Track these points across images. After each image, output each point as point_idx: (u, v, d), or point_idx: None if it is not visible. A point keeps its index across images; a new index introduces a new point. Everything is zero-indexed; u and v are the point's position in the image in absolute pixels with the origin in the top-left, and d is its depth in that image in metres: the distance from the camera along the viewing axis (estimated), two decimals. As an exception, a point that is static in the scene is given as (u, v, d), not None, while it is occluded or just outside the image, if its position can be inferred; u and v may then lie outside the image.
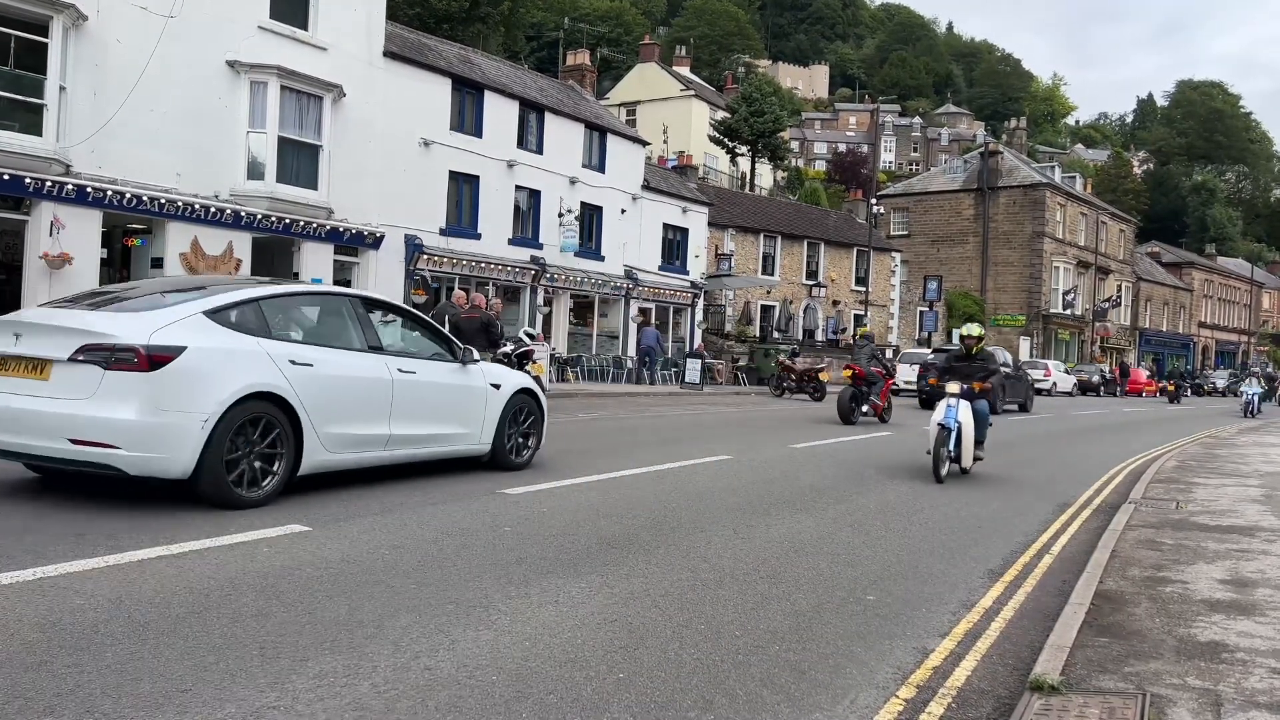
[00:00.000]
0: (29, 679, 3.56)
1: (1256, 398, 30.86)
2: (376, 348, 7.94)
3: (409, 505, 7.23)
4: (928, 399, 21.76)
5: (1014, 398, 26.60)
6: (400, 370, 8.01)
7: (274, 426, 6.76)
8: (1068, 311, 54.99)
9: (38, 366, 6.30)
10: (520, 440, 9.51)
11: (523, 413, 9.53)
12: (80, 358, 6.17)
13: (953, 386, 10.71)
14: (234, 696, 3.53)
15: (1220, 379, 55.58)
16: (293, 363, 6.97)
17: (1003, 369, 18.91)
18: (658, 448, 12.28)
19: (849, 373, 18.19)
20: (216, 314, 6.75)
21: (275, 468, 6.82)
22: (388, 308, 8.85)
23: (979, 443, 11.13)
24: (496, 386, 9.24)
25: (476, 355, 8.93)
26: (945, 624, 5.20)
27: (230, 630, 4.22)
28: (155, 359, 6.21)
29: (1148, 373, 53.82)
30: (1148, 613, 5.26)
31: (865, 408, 18.10)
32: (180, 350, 6.32)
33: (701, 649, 4.46)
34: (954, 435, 10.53)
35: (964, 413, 10.60)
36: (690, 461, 10.93)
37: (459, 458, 8.96)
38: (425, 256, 24.14)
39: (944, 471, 10.50)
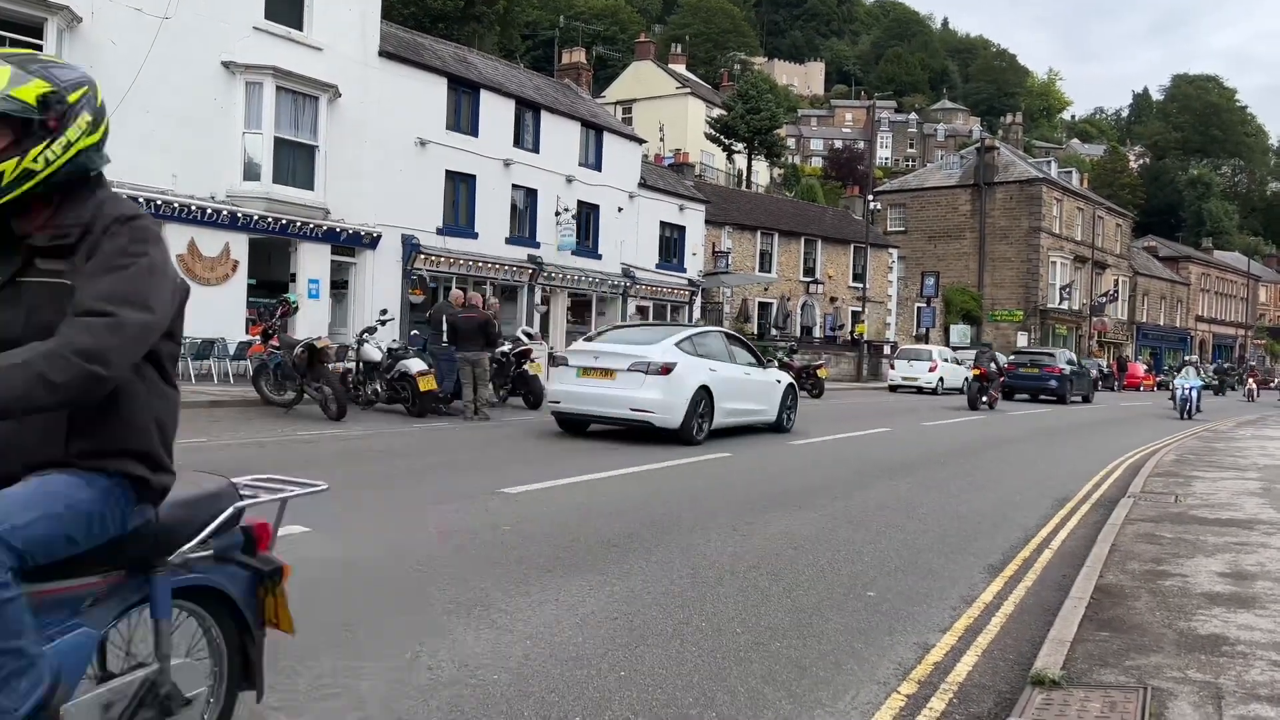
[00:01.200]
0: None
1: (1195, 393, 24.96)
2: (735, 361, 13.94)
3: (409, 505, 7.23)
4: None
5: (1079, 391, 32.30)
6: (744, 373, 14.04)
7: (704, 402, 12.57)
8: (1065, 306, 55.01)
9: (609, 373, 12.39)
10: (788, 414, 15.02)
11: (789, 397, 15.07)
12: (631, 368, 12.19)
13: None
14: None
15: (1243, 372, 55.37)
16: (710, 370, 12.91)
17: (1067, 366, 31.30)
18: (656, 446, 12.28)
19: (977, 371, 24.61)
20: (679, 344, 12.78)
21: (705, 425, 12.68)
22: (733, 339, 15.04)
23: None
24: (779, 381, 15.01)
25: (775, 363, 13.51)
26: (946, 619, 5.20)
27: (230, 631, 4.21)
28: (666, 369, 12.15)
29: (1145, 367, 53.91)
30: (1148, 606, 5.27)
31: (985, 398, 24.24)
32: (675, 364, 12.27)
33: (703, 646, 4.46)
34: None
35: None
36: (689, 459, 10.93)
37: (762, 424, 14.46)
38: (422, 256, 24.12)
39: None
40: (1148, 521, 7.98)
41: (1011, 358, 33.26)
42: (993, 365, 24.91)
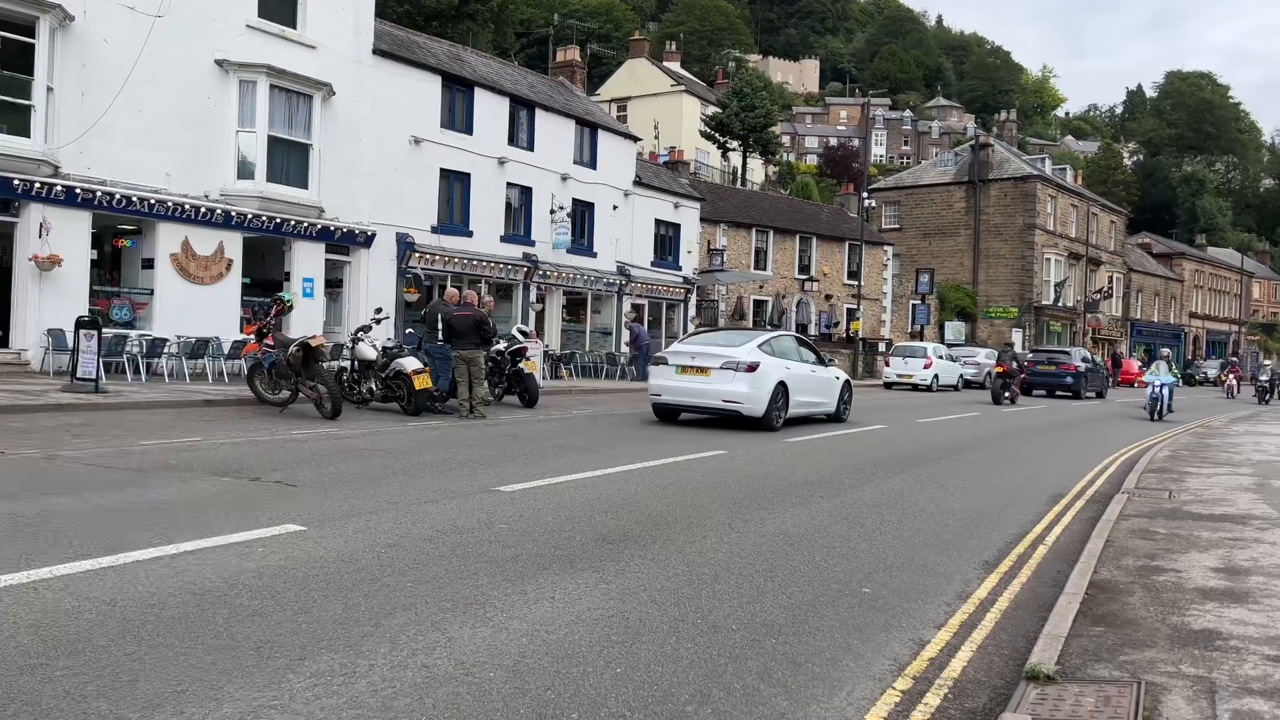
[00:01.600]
0: (24, 681, 3.55)
1: (1166, 391, 22.66)
2: (803, 360, 16.09)
3: (404, 503, 7.23)
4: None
5: (1093, 387, 33.72)
6: (811, 370, 16.19)
7: (781, 394, 14.82)
8: (1059, 303, 55.10)
9: (704, 371, 14.61)
10: (844, 407, 17.13)
11: (846, 391, 17.20)
12: (723, 367, 14.40)
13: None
14: (231, 696, 3.53)
15: (1212, 368, 55.05)
16: (786, 368, 15.20)
17: (1082, 364, 33.05)
18: (652, 443, 12.29)
19: (1000, 368, 26.73)
20: (760, 346, 15.03)
21: (782, 414, 14.92)
22: (801, 341, 17.48)
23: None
24: (837, 378, 17.16)
25: (837, 360, 15.67)
26: (941, 615, 5.21)
27: (226, 630, 4.22)
28: (752, 367, 14.37)
29: (1139, 364, 54.00)
30: (1142, 602, 5.28)
31: (1007, 393, 26.12)
32: (759, 364, 14.49)
33: (698, 643, 4.47)
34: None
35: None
36: (685, 457, 10.93)
37: (823, 415, 16.70)
38: (417, 254, 24.09)
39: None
40: (1142, 517, 8.01)
41: (1030, 355, 35.24)
42: (1014, 363, 27.01)
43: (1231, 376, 40.26)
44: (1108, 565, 6.14)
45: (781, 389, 14.82)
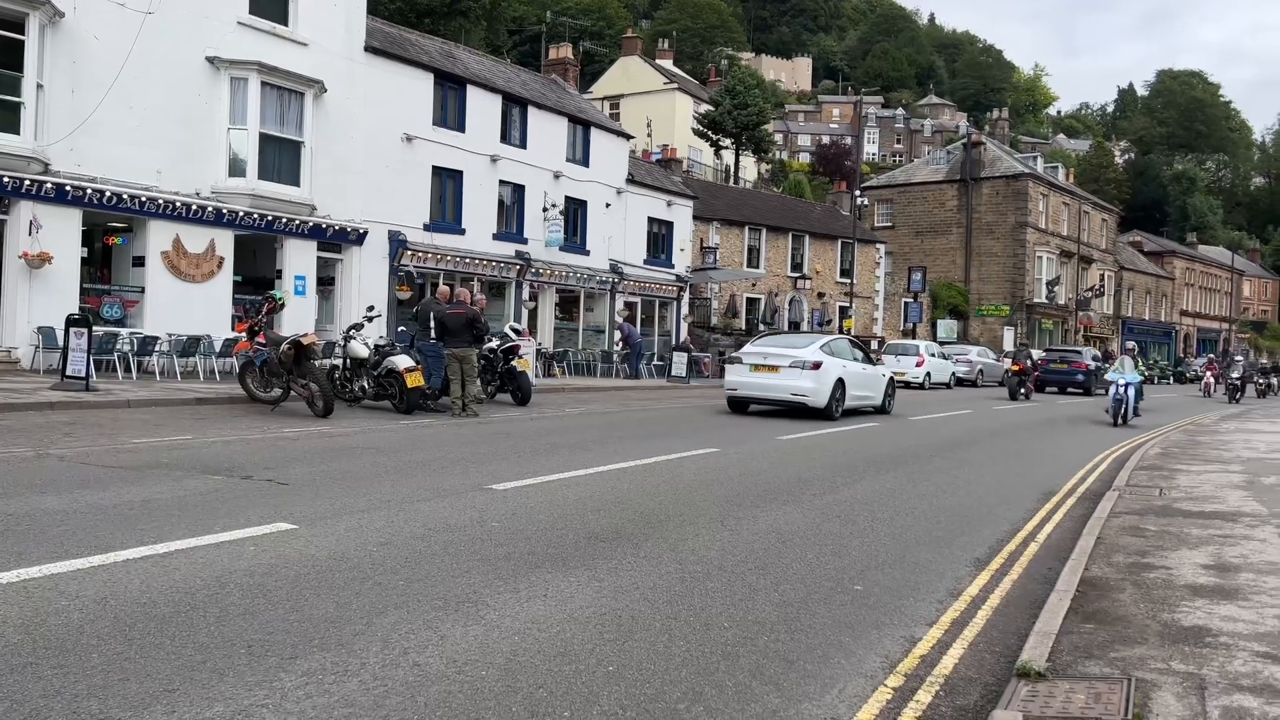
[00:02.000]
0: (13, 681, 3.54)
1: (1131, 392, 19.82)
2: (855, 360, 18.34)
3: (396, 502, 7.22)
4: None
5: (1103, 385, 35.41)
6: (862, 368, 18.40)
7: (839, 388, 17.02)
8: (1051, 301, 55.25)
9: (774, 368, 16.90)
10: (889, 399, 19.44)
11: (890, 387, 19.60)
12: (792, 365, 16.68)
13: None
14: (222, 695, 3.52)
15: (1235, 368, 54.14)
16: (843, 366, 17.42)
17: (1092, 363, 35.33)
18: (644, 441, 12.29)
19: (1017, 367, 28.02)
20: (821, 348, 17.20)
21: (840, 406, 17.07)
22: (854, 343, 19.68)
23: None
24: (883, 375, 19.49)
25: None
26: (932, 613, 5.23)
27: (217, 629, 4.21)
28: (816, 365, 16.60)
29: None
30: (1132, 599, 5.30)
31: (1023, 390, 27.63)
32: (821, 362, 16.70)
33: (690, 641, 4.47)
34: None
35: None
36: (677, 455, 10.94)
37: (870, 407, 18.86)
38: (409, 252, 24.04)
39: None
40: (1133, 515, 8.03)
41: (1044, 354, 37.08)
42: (1029, 361, 28.44)
43: (1209, 374, 38.62)
44: (1099, 562, 6.16)
45: (840, 384, 17.18)
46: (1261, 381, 39.69)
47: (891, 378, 19.78)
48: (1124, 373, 20.03)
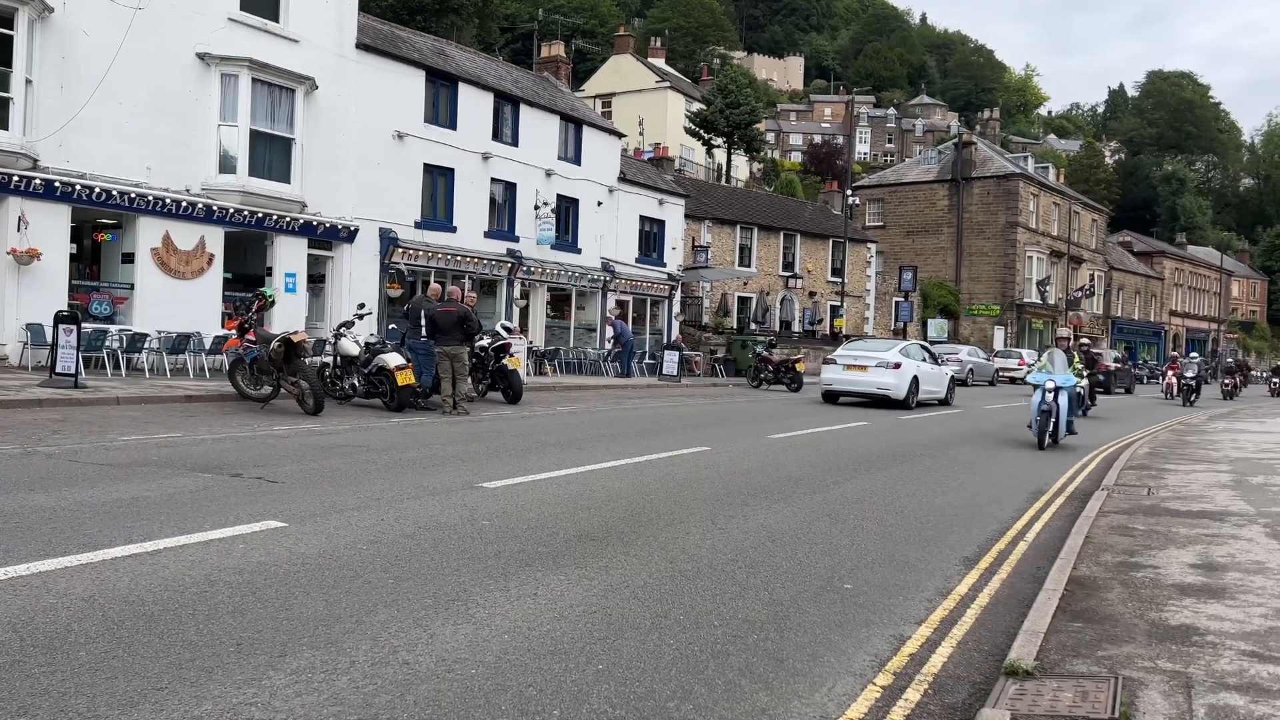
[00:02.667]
0: (1, 679, 3.52)
1: (1064, 401, 14.17)
2: (925, 360, 22.34)
3: (386, 500, 7.21)
4: None
5: (1121, 384, 36.12)
6: (930, 368, 22.35)
7: (915, 384, 21.17)
8: (1041, 301, 55.44)
9: (863, 367, 21.10)
10: (951, 394, 23.28)
11: (952, 384, 23.45)
12: (878, 365, 20.92)
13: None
14: (210, 694, 3.51)
15: (1189, 367, 53.48)
16: (917, 366, 21.56)
17: (1113, 364, 36.00)
18: (636, 440, 12.29)
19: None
20: (900, 351, 21.67)
21: (915, 398, 21.14)
22: (924, 347, 23.84)
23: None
24: (946, 373, 23.39)
25: (947, 358, 25.36)
26: (922, 611, 5.24)
27: (206, 627, 4.20)
28: (897, 365, 20.93)
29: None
30: (1120, 598, 5.33)
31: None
32: (900, 363, 21.02)
33: (680, 639, 4.48)
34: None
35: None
36: (668, 453, 10.94)
37: (934, 400, 22.55)
38: (400, 250, 24.00)
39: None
40: (1121, 514, 8.07)
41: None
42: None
43: (1170, 373, 33.78)
44: (1087, 562, 6.19)
45: (914, 381, 21.07)
46: (1227, 382, 35.95)
47: (953, 376, 24.07)
48: (1052, 372, 14.22)
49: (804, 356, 30.46)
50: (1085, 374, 19.49)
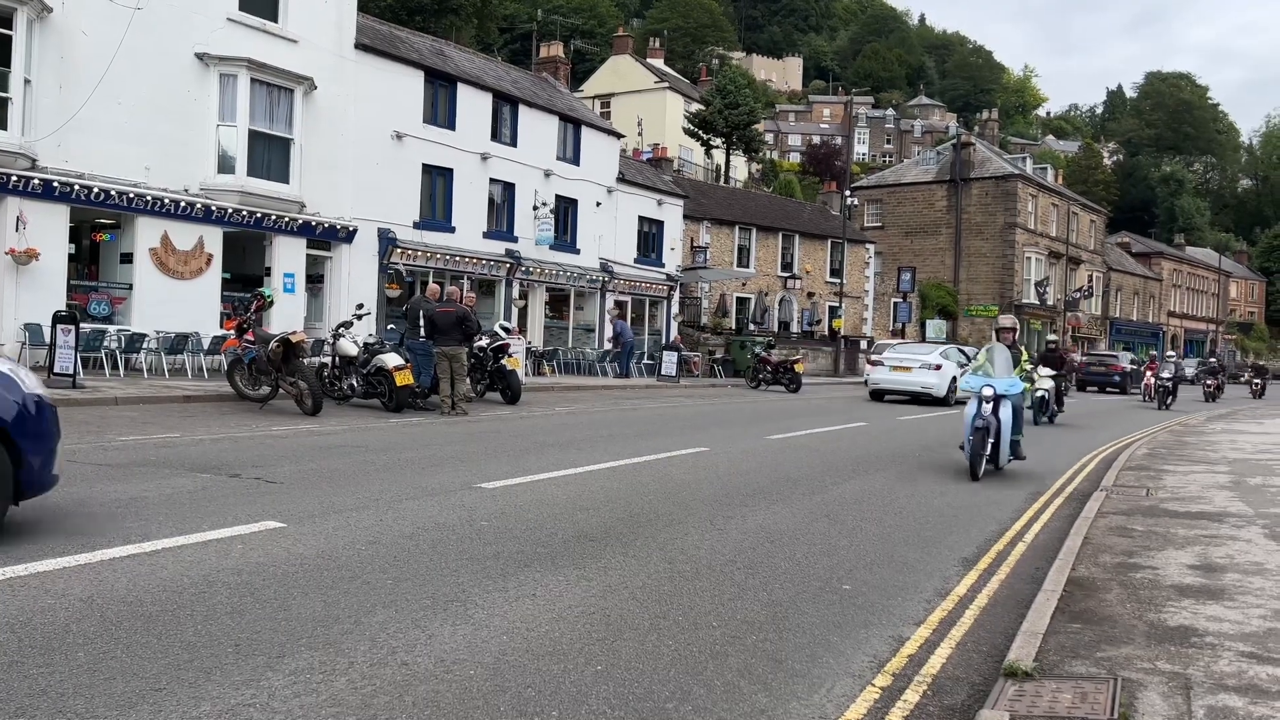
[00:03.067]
0: (0, 680, 3.52)
1: (1005, 414, 10.50)
2: (961, 363, 22.76)
3: (385, 500, 7.20)
4: None
5: (1137, 384, 36.39)
6: (959, 365, 22.78)
7: (953, 383, 22.69)
8: (1040, 302, 55.47)
9: (908, 369, 23.87)
10: None
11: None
12: (920, 366, 23.71)
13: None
14: (209, 694, 3.51)
15: (1190, 367, 52.54)
16: (956, 367, 22.84)
17: (1129, 365, 39.12)
18: (634, 440, 12.29)
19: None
20: (940, 354, 24.27)
21: (953, 396, 22.80)
22: (963, 352, 24.83)
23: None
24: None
25: (962, 360, 25.40)
26: (920, 612, 5.24)
27: (204, 628, 4.19)
28: (937, 366, 23.58)
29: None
30: (1119, 599, 5.33)
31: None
32: (941, 365, 23.54)
33: (679, 640, 4.47)
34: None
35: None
36: (667, 454, 10.94)
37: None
38: (399, 250, 23.99)
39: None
40: (1119, 515, 8.07)
41: (1085, 358, 42.21)
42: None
43: (1149, 374, 31.62)
44: (1085, 562, 6.19)
45: (953, 381, 22.64)
46: (1210, 383, 33.83)
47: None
48: (991, 375, 10.68)
49: (803, 357, 30.47)
50: (1054, 376, 19.24)
